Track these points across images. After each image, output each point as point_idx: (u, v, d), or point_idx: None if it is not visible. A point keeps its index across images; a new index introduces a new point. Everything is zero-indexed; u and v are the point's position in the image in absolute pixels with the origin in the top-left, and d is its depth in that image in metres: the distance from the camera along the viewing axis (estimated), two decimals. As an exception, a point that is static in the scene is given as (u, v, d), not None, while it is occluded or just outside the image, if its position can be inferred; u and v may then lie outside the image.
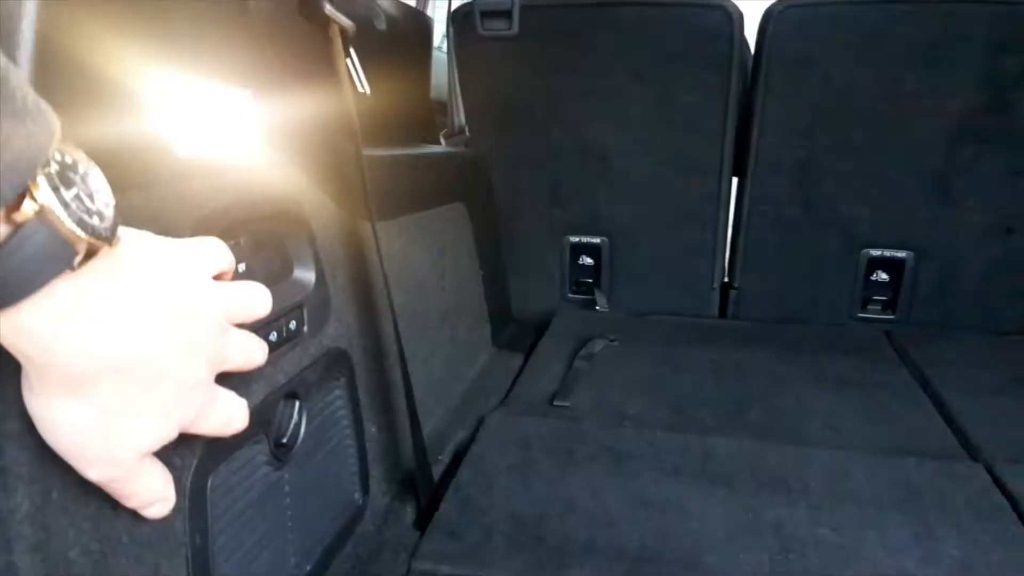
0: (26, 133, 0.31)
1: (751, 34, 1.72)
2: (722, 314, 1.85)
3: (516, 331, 1.68)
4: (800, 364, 1.48)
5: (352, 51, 0.89)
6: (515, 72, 1.73)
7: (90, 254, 0.37)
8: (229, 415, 0.51)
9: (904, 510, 0.96)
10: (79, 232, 0.35)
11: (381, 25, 1.41)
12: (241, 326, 0.51)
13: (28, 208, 0.33)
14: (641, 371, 1.43)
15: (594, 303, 1.87)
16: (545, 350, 1.53)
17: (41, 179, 0.33)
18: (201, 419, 0.48)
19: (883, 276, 1.70)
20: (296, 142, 0.82)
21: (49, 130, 0.33)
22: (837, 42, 1.57)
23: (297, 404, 0.78)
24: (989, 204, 1.59)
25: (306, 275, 0.81)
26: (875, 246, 1.67)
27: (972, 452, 1.13)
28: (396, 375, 1.00)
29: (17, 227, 0.33)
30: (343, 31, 0.87)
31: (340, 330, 0.89)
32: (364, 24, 1.35)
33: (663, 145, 1.73)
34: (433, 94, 1.80)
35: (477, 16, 1.62)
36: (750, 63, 1.70)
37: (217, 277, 0.49)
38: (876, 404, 1.30)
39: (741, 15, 1.62)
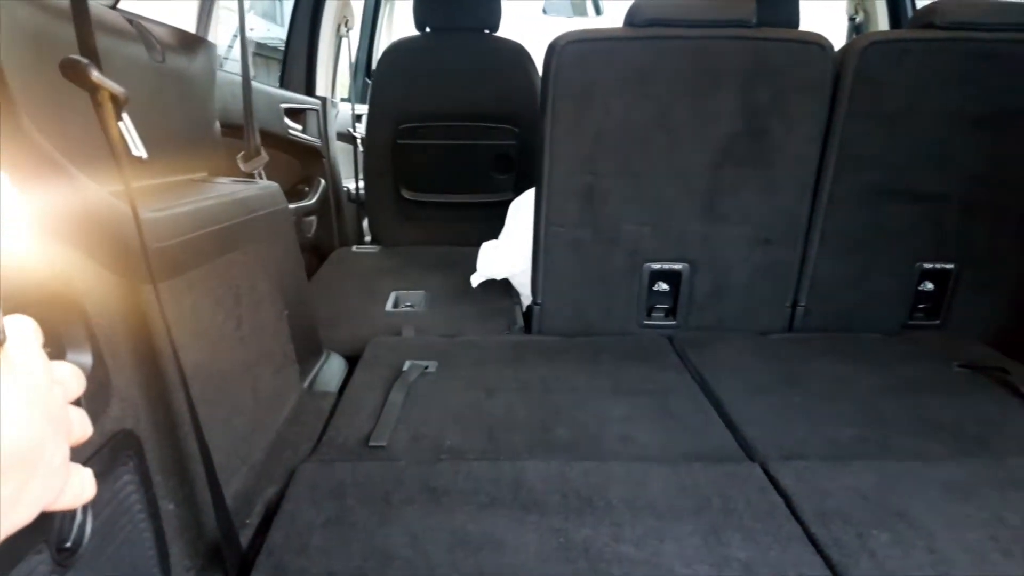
0: None
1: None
2: (529, 329, 1.93)
3: (329, 367, 1.64)
4: (599, 375, 1.58)
5: (125, 115, 0.82)
6: None
7: None
8: (81, 486, 0.51)
9: (695, 517, 1.06)
10: None
11: (158, 57, 1.31)
12: None
13: None
14: (455, 398, 1.46)
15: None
16: (359, 385, 1.51)
17: None
18: (61, 496, 0.48)
19: (663, 286, 1.86)
20: (61, 216, 0.75)
21: None
22: (614, 75, 1.68)
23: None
24: (749, 219, 1.79)
25: (80, 360, 0.74)
26: (656, 260, 1.83)
27: (749, 452, 1.27)
28: (192, 445, 0.94)
29: None
30: (114, 97, 0.81)
31: (125, 410, 0.82)
32: (140, 57, 1.26)
33: None
34: (224, 118, 1.71)
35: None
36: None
37: None
38: (664, 410, 1.41)
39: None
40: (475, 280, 2.20)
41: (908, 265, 1.83)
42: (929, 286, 1.85)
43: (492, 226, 2.79)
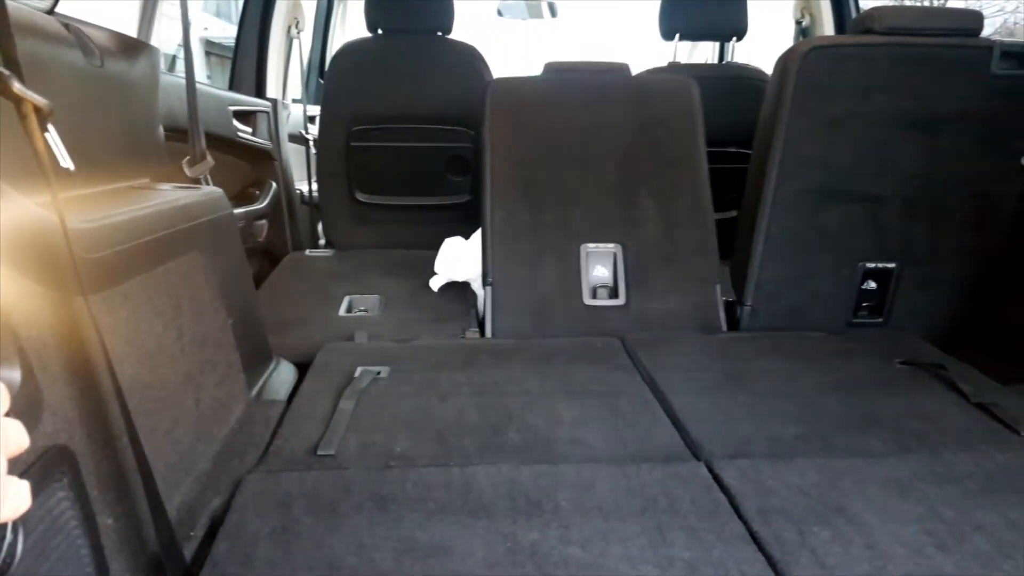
0: None
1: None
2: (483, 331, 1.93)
3: (278, 374, 1.62)
4: (551, 377, 1.59)
5: (51, 127, 0.81)
6: None
7: None
8: (18, 497, 0.49)
9: (641, 517, 1.07)
10: None
11: (96, 63, 1.28)
12: None
13: None
14: (406, 404, 1.45)
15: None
16: (308, 392, 1.50)
17: None
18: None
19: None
20: None
21: None
22: (545, 99, 2.09)
23: (9, 523, 0.69)
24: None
25: (8, 375, 0.72)
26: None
27: (695, 451, 1.29)
28: (132, 458, 0.92)
29: None
30: (38, 109, 0.79)
31: (57, 425, 0.81)
32: (76, 63, 1.23)
33: None
34: (170, 122, 1.68)
35: None
36: None
37: None
38: (614, 412, 1.43)
39: None
40: (435, 284, 2.19)
41: (851, 265, 1.87)
42: (872, 285, 1.89)
43: (448, 229, 2.79)
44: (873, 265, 1.87)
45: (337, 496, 1.11)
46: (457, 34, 2.69)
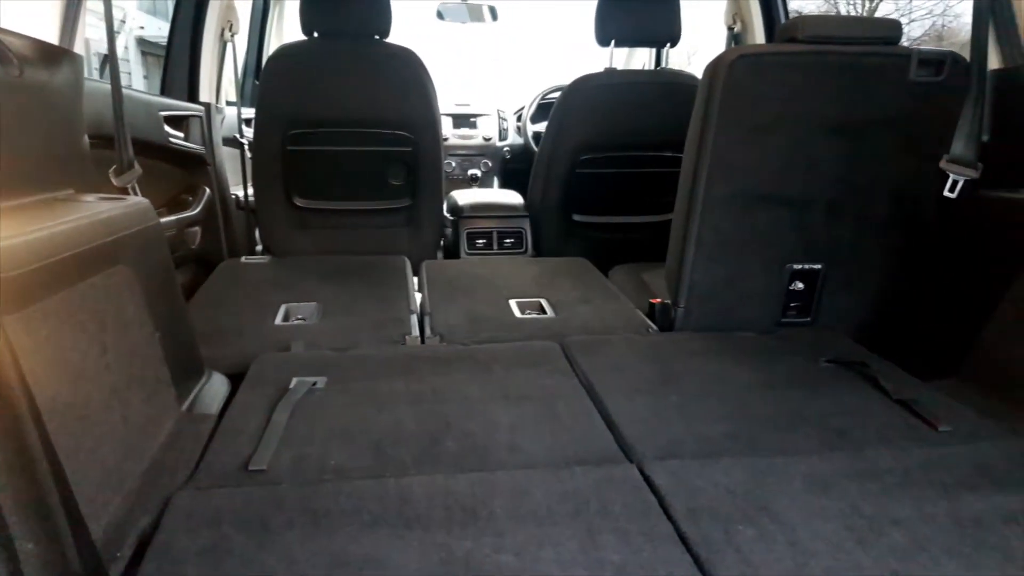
0: None
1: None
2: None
3: (210, 387, 1.59)
4: (490, 383, 1.60)
5: None
6: None
7: None
8: None
9: (573, 521, 1.09)
10: None
11: (14, 72, 1.24)
12: None
13: None
14: (343, 415, 1.44)
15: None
16: (241, 405, 1.47)
17: None
18: None
19: None
20: None
21: None
22: None
23: None
24: None
25: None
26: None
27: (627, 453, 1.31)
28: (52, 480, 0.90)
29: None
30: None
31: None
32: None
33: None
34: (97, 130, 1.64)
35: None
36: None
37: None
38: (551, 416, 1.45)
39: None
40: None
41: (779, 266, 1.94)
42: (800, 285, 1.96)
43: (389, 234, 2.78)
44: (800, 266, 1.94)
45: (268, 512, 1.10)
46: (394, 37, 2.67)
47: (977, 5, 1.64)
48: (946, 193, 1.65)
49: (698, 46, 4.66)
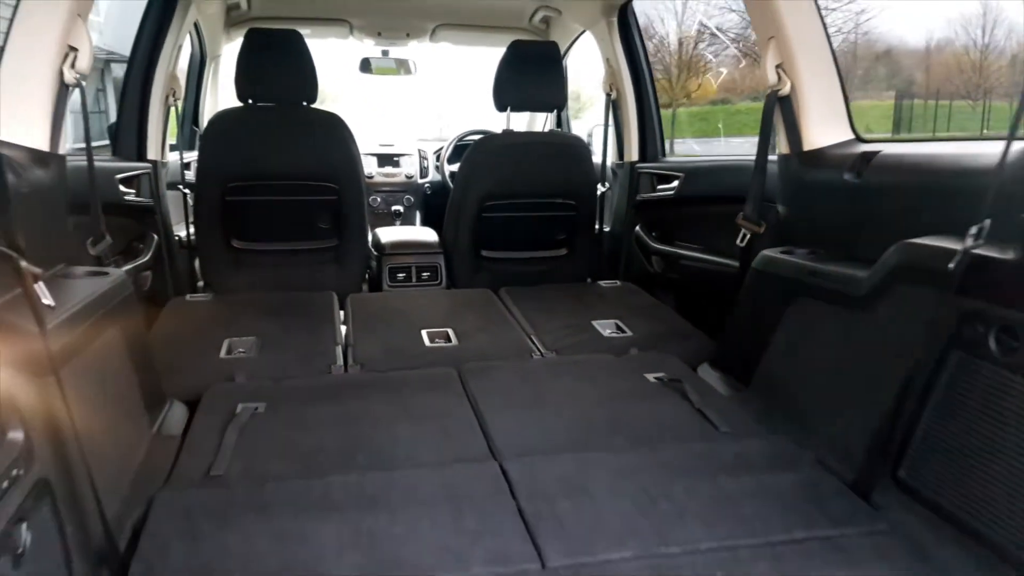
0: None
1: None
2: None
3: (173, 413, 2.00)
4: (397, 405, 2.04)
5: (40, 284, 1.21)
6: None
7: None
8: None
9: (448, 505, 1.54)
10: None
11: (18, 175, 1.63)
12: None
13: None
14: (279, 433, 1.87)
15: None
16: (199, 427, 1.89)
17: None
18: None
19: None
20: None
21: None
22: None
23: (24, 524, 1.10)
24: None
25: (14, 436, 1.12)
26: None
27: (494, 453, 1.78)
28: (84, 485, 1.32)
29: None
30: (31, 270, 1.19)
31: (44, 465, 1.21)
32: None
33: None
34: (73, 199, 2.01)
35: None
36: None
37: None
38: (441, 429, 1.90)
39: None
40: None
41: None
42: None
43: (318, 271, 3.19)
44: None
45: (227, 506, 1.53)
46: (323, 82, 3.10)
47: (767, 106, 2.20)
48: (738, 243, 2.27)
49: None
